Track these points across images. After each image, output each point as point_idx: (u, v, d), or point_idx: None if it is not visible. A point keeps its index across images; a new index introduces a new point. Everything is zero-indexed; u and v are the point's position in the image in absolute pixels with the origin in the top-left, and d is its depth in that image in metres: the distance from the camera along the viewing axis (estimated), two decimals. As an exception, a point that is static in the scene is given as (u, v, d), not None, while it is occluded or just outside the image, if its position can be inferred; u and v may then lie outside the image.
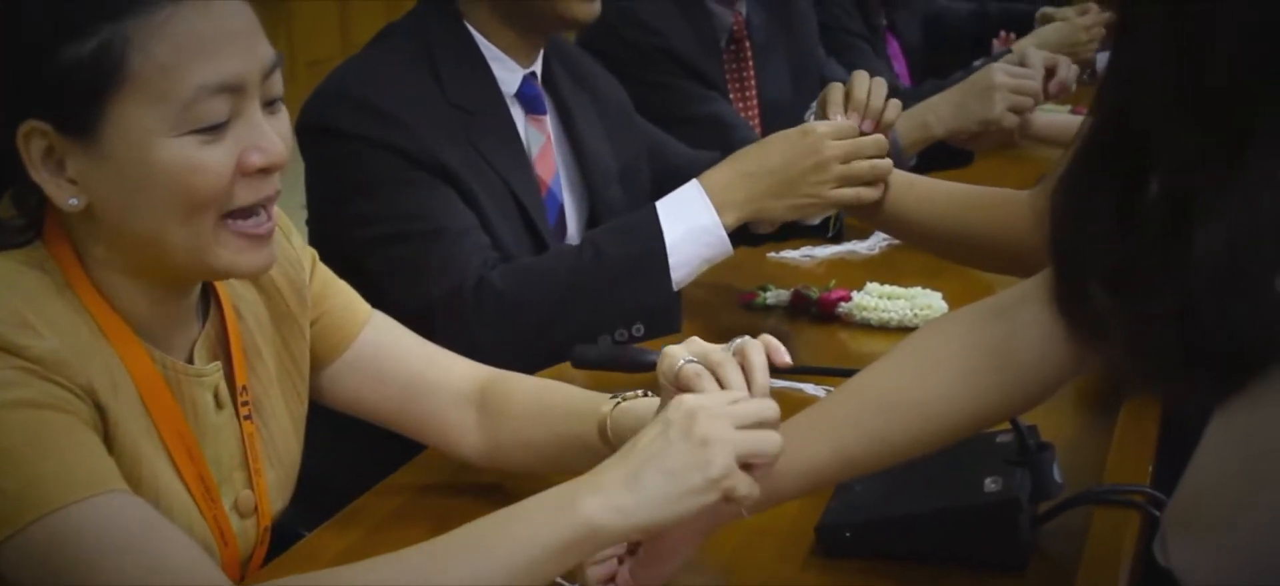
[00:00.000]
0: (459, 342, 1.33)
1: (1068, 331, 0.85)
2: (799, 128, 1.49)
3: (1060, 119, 2.08)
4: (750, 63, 2.33)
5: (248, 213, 1.01)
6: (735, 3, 2.27)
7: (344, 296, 1.26)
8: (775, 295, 1.78)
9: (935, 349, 1.00)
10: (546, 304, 1.44)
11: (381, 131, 1.50)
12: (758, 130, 2.32)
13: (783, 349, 1.02)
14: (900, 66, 3.12)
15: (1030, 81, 1.94)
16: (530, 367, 1.35)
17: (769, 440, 0.95)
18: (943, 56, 3.38)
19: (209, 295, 1.12)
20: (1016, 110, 1.92)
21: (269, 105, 1.01)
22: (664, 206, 1.48)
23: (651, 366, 1.41)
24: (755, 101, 2.36)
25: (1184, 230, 0.67)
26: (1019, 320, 0.96)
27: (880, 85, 1.51)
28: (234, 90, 0.97)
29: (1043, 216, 1.32)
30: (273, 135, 1.00)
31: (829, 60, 2.53)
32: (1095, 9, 2.84)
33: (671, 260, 1.45)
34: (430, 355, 1.28)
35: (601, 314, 1.45)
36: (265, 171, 1.00)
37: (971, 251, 1.42)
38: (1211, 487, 0.79)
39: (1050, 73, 2.08)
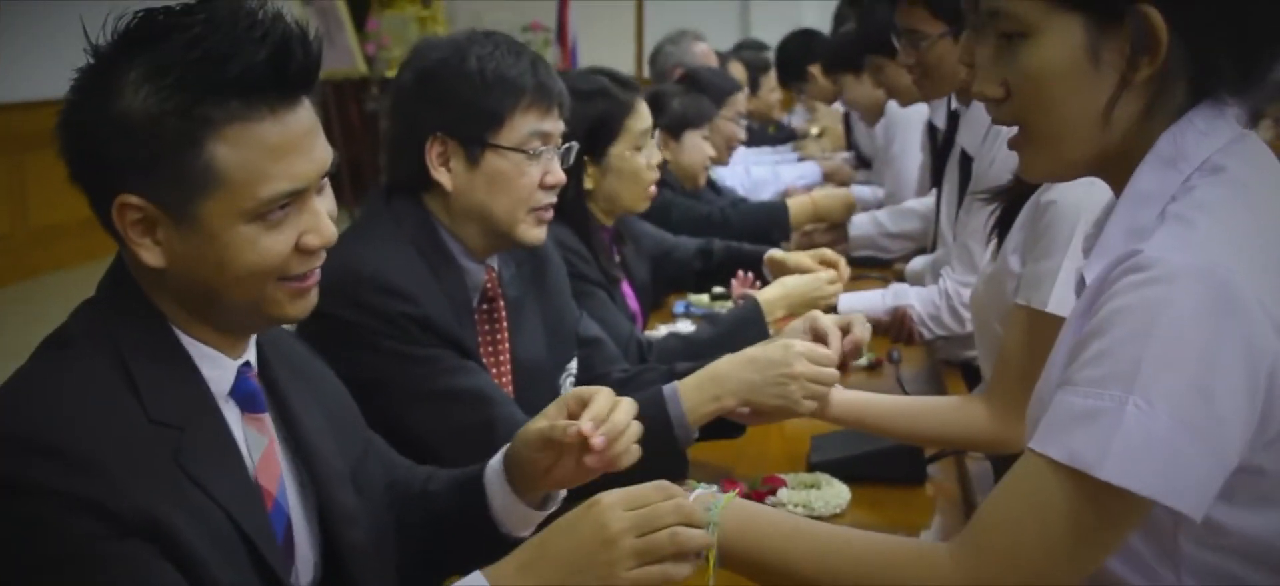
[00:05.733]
0: None
1: None
2: (584, 504, 1.28)
3: (857, 398, 1.95)
4: (504, 321, 2.09)
5: None
6: (487, 258, 2.04)
7: None
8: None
9: None
10: None
11: (74, 485, 1.15)
12: (510, 392, 2.08)
13: None
14: (634, 305, 3.01)
15: (829, 368, 1.89)
16: None
17: None
18: (669, 292, 3.37)
19: None
20: (815, 396, 1.89)
21: None
22: None
23: None
24: (508, 362, 2.12)
25: None
26: None
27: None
28: None
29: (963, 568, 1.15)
30: None
31: (582, 314, 2.33)
32: (842, 261, 2.85)
33: None
34: None
35: None
36: None
37: None
38: None
39: (844, 331, 2.00)
